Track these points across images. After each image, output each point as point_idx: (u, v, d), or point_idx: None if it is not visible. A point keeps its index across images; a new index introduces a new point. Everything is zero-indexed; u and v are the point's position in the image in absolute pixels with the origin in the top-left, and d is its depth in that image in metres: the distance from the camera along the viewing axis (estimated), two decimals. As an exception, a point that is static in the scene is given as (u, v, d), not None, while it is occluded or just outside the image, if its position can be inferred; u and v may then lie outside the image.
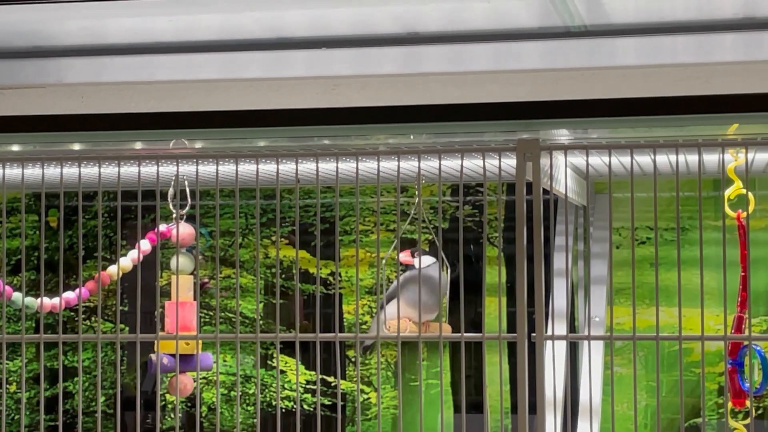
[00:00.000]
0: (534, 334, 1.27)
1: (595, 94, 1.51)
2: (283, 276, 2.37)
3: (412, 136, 1.57)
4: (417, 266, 1.55)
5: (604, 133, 1.60)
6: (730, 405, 1.41)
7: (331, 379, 2.35)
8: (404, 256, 1.59)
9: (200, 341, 1.48)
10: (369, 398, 2.36)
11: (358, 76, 1.56)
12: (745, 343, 1.43)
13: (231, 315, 2.39)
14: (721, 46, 1.48)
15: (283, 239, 2.37)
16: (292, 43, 1.57)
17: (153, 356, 1.50)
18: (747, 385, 1.37)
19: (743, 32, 1.46)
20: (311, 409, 2.35)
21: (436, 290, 1.54)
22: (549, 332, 1.58)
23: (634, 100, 1.50)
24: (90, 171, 1.48)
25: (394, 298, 1.55)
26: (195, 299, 1.52)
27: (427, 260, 1.57)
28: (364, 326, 2.18)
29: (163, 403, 2.35)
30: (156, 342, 1.42)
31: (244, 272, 2.35)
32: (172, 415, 2.41)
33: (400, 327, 1.44)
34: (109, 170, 1.49)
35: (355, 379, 2.33)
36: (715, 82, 1.48)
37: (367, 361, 2.33)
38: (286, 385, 2.33)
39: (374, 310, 2.25)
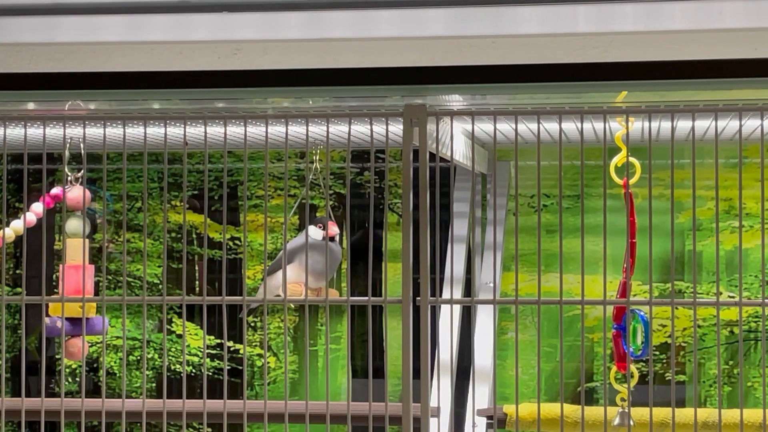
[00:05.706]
0: (419, 298, 1.28)
1: (496, 60, 1.51)
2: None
3: (311, 101, 1.57)
4: (319, 237, 1.55)
5: (505, 100, 1.60)
6: (614, 369, 1.43)
7: (232, 344, 2.35)
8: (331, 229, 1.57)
9: (94, 304, 1.48)
10: (269, 363, 2.37)
11: (260, 41, 1.55)
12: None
13: (132, 279, 2.38)
14: (620, 15, 1.49)
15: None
16: (193, 6, 1.55)
17: (47, 319, 1.49)
18: (631, 349, 1.38)
19: (641, 2, 1.47)
20: (209, 373, 2.35)
21: (331, 257, 1.54)
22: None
23: (534, 66, 1.51)
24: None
25: (289, 263, 1.55)
26: (90, 262, 1.52)
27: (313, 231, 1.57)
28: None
29: (61, 367, 2.33)
30: (43, 304, 1.41)
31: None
32: (70, 380, 2.40)
33: (296, 291, 1.45)
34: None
35: (254, 344, 2.33)
36: (613, 51, 1.49)
37: (267, 326, 2.32)
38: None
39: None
